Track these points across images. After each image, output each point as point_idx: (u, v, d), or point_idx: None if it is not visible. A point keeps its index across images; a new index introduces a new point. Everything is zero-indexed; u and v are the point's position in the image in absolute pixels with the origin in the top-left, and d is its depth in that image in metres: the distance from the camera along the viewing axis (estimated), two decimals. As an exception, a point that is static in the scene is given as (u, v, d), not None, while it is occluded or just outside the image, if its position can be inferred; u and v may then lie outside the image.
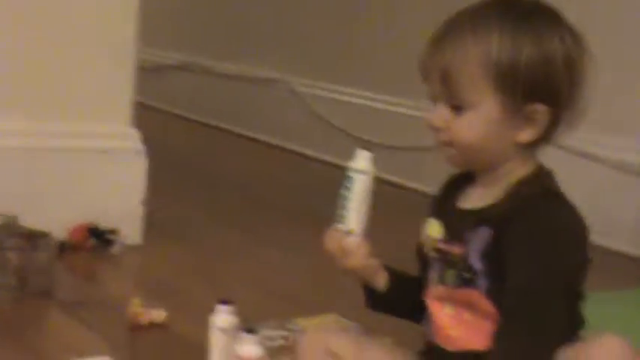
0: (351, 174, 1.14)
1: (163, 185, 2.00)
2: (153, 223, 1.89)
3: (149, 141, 1.93)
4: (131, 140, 1.86)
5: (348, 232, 1.14)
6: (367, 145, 1.21)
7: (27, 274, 1.57)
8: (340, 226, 1.14)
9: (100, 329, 1.43)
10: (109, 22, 1.86)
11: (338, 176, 1.12)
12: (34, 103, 1.79)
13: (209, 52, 3.66)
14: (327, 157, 2.89)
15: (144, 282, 1.72)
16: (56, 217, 1.71)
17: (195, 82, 3.72)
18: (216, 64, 3.59)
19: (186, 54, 3.76)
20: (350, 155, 1.11)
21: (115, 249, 1.79)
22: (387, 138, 2.63)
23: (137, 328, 1.42)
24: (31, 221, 1.61)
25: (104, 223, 1.80)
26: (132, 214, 1.84)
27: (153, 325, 1.43)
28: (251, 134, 3.33)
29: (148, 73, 2.21)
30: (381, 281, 1.10)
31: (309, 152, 3.05)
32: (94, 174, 1.81)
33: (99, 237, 1.79)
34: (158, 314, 1.47)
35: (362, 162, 1.15)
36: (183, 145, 3.19)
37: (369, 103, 2.83)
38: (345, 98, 2.91)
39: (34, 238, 1.61)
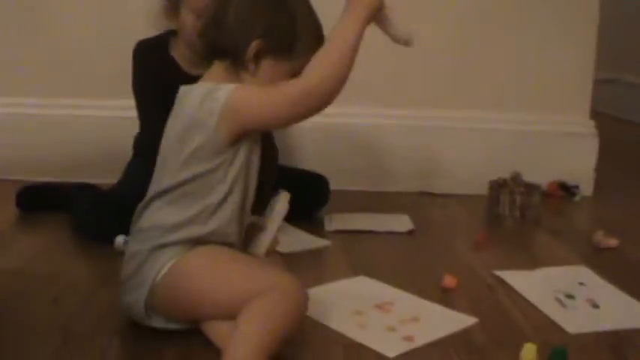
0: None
1: (609, 160, 2.78)
2: (600, 182, 2.68)
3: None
4: (589, 127, 2.68)
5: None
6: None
7: (525, 210, 2.33)
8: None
9: (573, 248, 2.10)
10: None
11: None
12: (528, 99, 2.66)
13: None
14: None
15: (599, 220, 2.43)
16: (542, 174, 2.55)
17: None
18: None
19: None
20: None
21: (577, 198, 2.60)
22: None
23: (599, 250, 2.09)
24: (528, 177, 2.42)
25: (570, 181, 2.63)
26: (588, 176, 2.65)
27: (609, 249, 2.09)
28: None
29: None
30: None
31: None
32: (566, 149, 2.65)
33: (567, 190, 2.62)
34: (613, 242, 2.10)
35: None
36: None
37: None
38: None
39: (530, 187, 2.37)
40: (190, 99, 1.43)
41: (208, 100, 1.39)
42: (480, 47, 2.61)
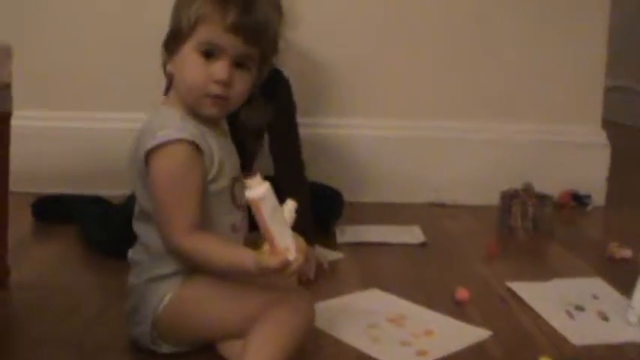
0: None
1: (621, 169, 2.77)
2: (612, 192, 2.67)
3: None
4: (601, 137, 2.67)
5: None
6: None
7: (538, 221, 2.32)
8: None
9: (587, 259, 2.08)
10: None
11: None
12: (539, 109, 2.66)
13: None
14: None
15: (612, 230, 2.42)
16: (553, 184, 2.55)
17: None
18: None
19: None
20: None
21: (589, 208, 2.60)
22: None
23: (613, 261, 2.07)
24: (539, 187, 2.41)
25: (582, 191, 2.62)
26: (600, 185, 2.65)
27: (623, 260, 2.07)
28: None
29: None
30: None
31: None
32: (577, 159, 2.64)
33: (578, 200, 2.61)
34: (627, 253, 2.09)
35: (257, 189, 1.23)
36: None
37: None
38: None
39: (542, 198, 2.36)
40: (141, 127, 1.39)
41: (142, 141, 1.35)
42: (489, 57, 2.61)
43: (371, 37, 2.58)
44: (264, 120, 2.06)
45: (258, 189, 1.23)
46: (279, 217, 1.26)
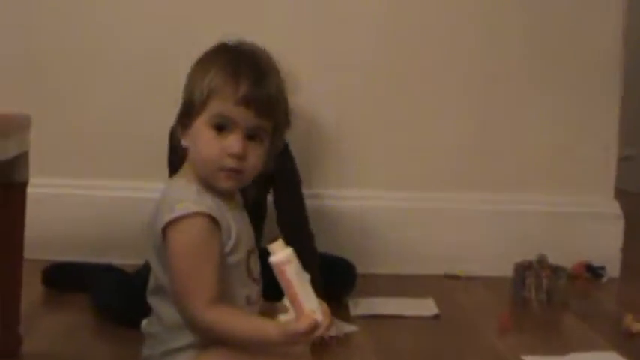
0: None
1: (635, 239, 2.77)
2: (627, 263, 2.65)
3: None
4: (614, 208, 2.67)
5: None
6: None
7: (552, 293, 2.31)
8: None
9: (602, 332, 2.08)
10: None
11: None
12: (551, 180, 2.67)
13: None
14: None
15: (628, 302, 2.38)
16: (567, 256, 2.52)
17: None
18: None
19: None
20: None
21: (603, 279, 2.58)
22: None
23: (629, 335, 2.05)
24: (553, 258, 2.40)
25: (596, 262, 2.60)
26: (614, 256, 2.64)
27: (639, 334, 2.05)
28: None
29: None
30: None
31: None
32: (590, 230, 2.63)
33: (592, 271, 2.59)
34: None
35: (281, 253, 1.24)
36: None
37: None
38: None
39: (556, 269, 2.35)
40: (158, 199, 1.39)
41: (159, 215, 1.34)
42: (501, 129, 2.62)
43: (384, 107, 2.60)
44: (262, 193, 2.07)
45: (281, 253, 1.23)
46: (303, 280, 1.25)
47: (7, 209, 1.71)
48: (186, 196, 1.35)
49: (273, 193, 2.22)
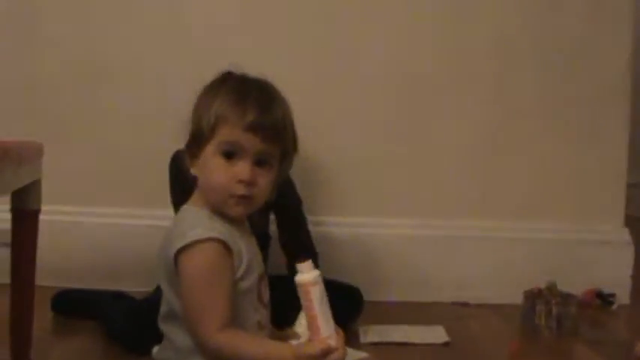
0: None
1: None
2: (638, 290, 2.64)
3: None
4: (624, 235, 2.67)
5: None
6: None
7: (562, 320, 2.30)
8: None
9: (613, 359, 2.08)
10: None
11: None
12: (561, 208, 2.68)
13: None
14: None
15: (637, 329, 2.35)
16: (577, 283, 2.52)
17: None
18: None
19: None
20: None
21: (614, 307, 2.57)
22: None
23: None
24: (562, 285, 2.39)
25: (606, 289, 2.60)
26: (624, 283, 2.63)
27: None
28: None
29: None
30: None
31: None
32: (600, 257, 2.63)
33: (603, 298, 2.58)
34: None
35: (309, 274, 1.26)
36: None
37: None
38: None
39: (566, 297, 2.35)
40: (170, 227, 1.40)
41: (171, 242, 1.36)
42: (511, 157, 2.64)
43: (394, 134, 2.62)
44: (264, 221, 2.06)
45: (310, 274, 1.25)
46: (325, 305, 1.26)
47: (20, 236, 1.72)
48: (197, 223, 1.37)
49: (275, 216, 2.23)
